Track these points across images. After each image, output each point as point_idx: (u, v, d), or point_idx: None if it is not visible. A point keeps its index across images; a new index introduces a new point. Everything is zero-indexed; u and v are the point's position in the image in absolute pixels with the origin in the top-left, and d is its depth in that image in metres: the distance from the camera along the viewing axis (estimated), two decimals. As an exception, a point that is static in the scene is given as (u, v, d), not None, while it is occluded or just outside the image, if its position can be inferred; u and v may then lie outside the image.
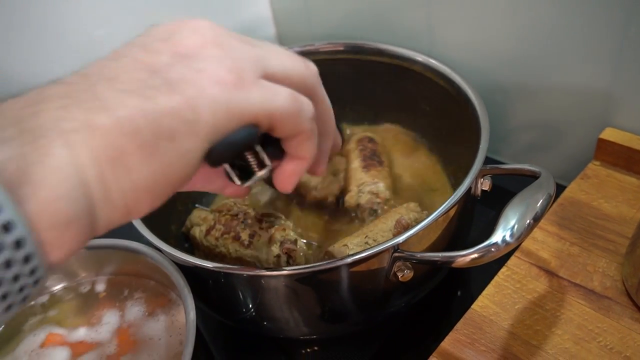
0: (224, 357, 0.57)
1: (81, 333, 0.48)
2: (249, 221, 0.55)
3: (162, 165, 0.26)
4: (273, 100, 0.29)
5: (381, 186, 0.61)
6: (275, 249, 0.52)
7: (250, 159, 0.33)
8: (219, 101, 0.27)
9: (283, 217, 0.57)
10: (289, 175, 0.34)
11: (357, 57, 0.69)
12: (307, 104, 0.32)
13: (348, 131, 0.72)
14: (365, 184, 0.61)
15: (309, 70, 0.33)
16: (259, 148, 0.32)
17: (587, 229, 0.53)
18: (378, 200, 0.60)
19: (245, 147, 0.31)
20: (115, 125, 0.24)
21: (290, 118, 0.30)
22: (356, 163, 0.65)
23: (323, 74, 0.70)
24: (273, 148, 0.33)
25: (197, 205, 0.63)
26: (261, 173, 0.33)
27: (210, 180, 0.38)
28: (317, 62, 0.68)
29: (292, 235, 0.54)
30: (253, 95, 0.28)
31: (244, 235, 0.54)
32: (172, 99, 0.26)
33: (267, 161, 0.33)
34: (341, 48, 0.69)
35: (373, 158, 0.64)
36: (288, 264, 0.52)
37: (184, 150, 0.26)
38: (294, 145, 0.33)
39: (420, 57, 0.63)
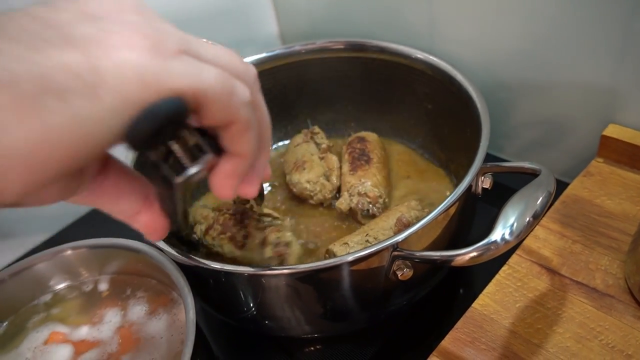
0: (226, 356, 0.58)
1: (84, 331, 0.49)
2: (246, 221, 0.55)
3: (46, 127, 0.20)
4: (199, 76, 0.24)
5: (368, 185, 0.61)
6: (269, 251, 0.52)
7: (180, 149, 0.27)
8: (129, 65, 0.22)
9: (281, 218, 0.57)
10: (227, 176, 0.29)
11: (358, 55, 0.69)
12: (241, 88, 0.26)
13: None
14: (354, 187, 0.61)
15: (247, 68, 0.28)
16: (192, 132, 0.27)
17: (590, 227, 0.52)
18: (368, 199, 0.60)
19: (174, 122, 0.25)
20: None
21: (220, 100, 0.25)
22: (345, 167, 0.65)
23: (325, 73, 0.71)
24: (209, 143, 0.28)
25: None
26: (195, 167, 0.27)
27: (120, 197, 0.31)
28: (319, 61, 0.70)
29: (287, 236, 0.53)
30: (174, 66, 0.23)
31: (239, 236, 0.54)
32: (67, 55, 0.21)
33: (204, 147, 0.27)
34: (342, 46, 0.69)
35: (361, 158, 0.64)
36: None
37: (80, 115, 0.21)
38: (230, 137, 0.27)
39: (420, 55, 0.63)
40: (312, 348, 0.56)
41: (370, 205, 0.60)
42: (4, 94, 0.19)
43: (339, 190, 0.65)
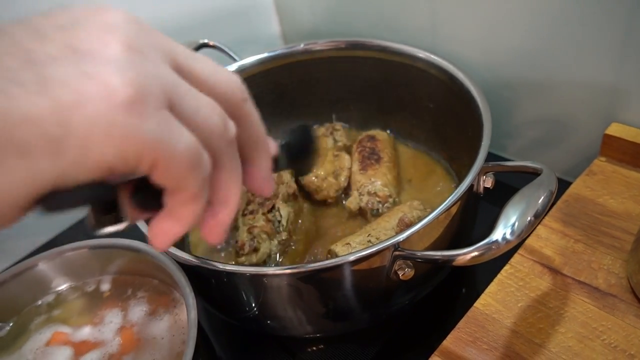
0: (228, 356, 0.58)
1: (85, 332, 0.49)
2: (267, 202, 0.59)
3: (2, 184, 0.20)
4: (168, 144, 0.22)
5: (378, 185, 0.61)
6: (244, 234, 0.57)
7: (120, 202, 0.26)
8: (101, 122, 0.21)
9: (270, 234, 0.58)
10: (160, 233, 0.27)
11: (360, 54, 0.69)
12: (205, 161, 0.25)
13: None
14: (364, 186, 0.61)
15: (224, 129, 0.26)
16: (123, 200, 0.26)
17: (592, 226, 0.52)
18: (378, 199, 0.60)
19: (87, 203, 0.24)
20: None
21: (178, 170, 0.23)
22: (355, 166, 0.65)
23: (326, 73, 0.71)
24: (152, 195, 0.26)
25: None
26: (119, 226, 0.26)
27: None
28: (320, 61, 0.70)
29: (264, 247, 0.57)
30: (148, 125, 0.22)
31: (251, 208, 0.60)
32: (37, 103, 0.20)
33: (125, 217, 0.26)
34: (343, 46, 0.69)
35: (371, 157, 0.64)
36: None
37: (38, 171, 0.20)
38: (174, 201, 0.26)
39: (422, 54, 0.63)
40: (314, 348, 0.56)
41: (380, 205, 0.60)
42: None
43: (344, 191, 0.65)
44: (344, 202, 0.64)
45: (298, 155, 0.37)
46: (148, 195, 0.26)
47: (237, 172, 0.28)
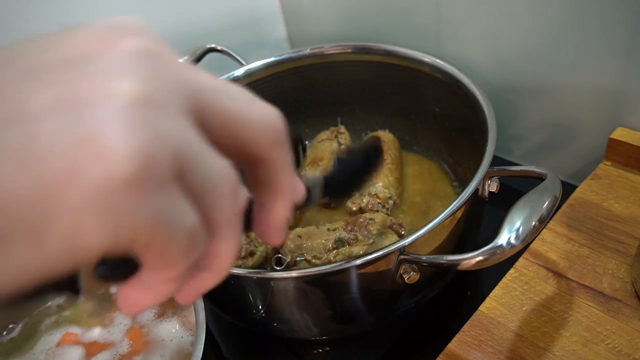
0: (235, 358, 0.58)
1: (95, 333, 0.50)
2: None
3: None
4: (170, 225, 0.18)
5: (379, 186, 0.61)
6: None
7: (81, 273, 0.22)
8: (94, 200, 0.16)
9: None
10: (131, 303, 0.22)
11: (365, 58, 0.69)
12: (201, 246, 0.21)
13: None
14: (365, 187, 0.62)
15: (234, 198, 0.21)
16: (84, 271, 0.21)
17: (597, 230, 0.52)
18: (378, 200, 0.61)
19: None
20: None
21: (171, 253, 0.19)
22: None
23: (333, 77, 0.72)
24: (118, 264, 0.22)
25: None
26: (74, 297, 0.24)
27: None
28: (326, 65, 0.71)
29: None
30: (149, 206, 0.17)
31: None
32: (17, 179, 0.16)
33: (82, 290, 0.23)
34: (350, 50, 0.69)
35: None
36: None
37: (14, 262, 0.16)
38: (154, 278, 0.21)
39: (427, 58, 0.64)
40: (320, 350, 0.57)
41: (380, 206, 0.61)
42: None
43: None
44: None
45: (347, 180, 0.32)
46: (114, 265, 0.21)
47: (235, 242, 0.23)
